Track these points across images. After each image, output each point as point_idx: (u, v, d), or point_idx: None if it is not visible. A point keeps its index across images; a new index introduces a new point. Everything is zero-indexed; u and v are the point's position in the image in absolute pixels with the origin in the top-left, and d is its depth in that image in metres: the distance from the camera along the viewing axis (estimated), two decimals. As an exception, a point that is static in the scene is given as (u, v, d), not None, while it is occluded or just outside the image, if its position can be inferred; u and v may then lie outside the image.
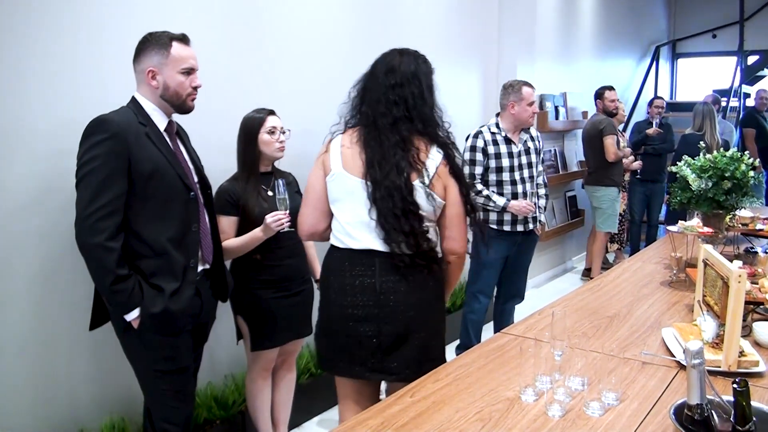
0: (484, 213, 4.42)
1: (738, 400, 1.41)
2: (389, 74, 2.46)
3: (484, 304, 4.65)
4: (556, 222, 7.17)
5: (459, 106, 5.40)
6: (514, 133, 4.41)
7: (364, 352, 2.46)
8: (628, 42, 9.32)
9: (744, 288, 2.16)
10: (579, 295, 3.17)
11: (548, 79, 6.85)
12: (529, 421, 1.90)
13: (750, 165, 3.60)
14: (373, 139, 2.42)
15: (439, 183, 2.44)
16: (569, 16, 7.35)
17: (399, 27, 4.77)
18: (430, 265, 2.48)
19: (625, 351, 2.43)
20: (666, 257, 3.75)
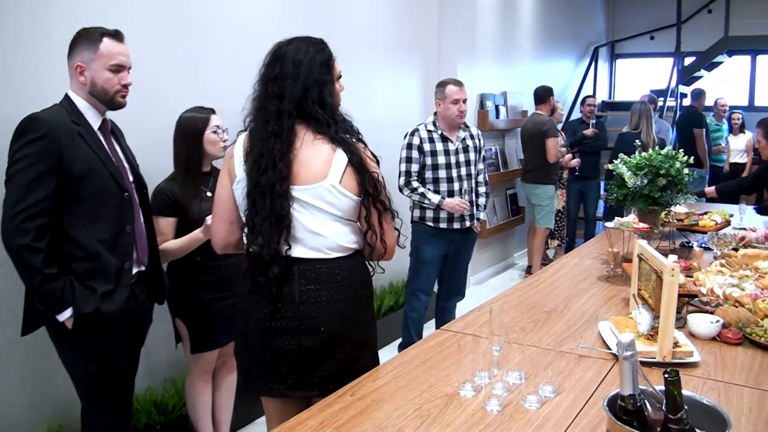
0: (421, 211, 4.45)
1: (669, 389, 1.43)
2: (274, 64, 2.29)
3: (424, 302, 4.67)
4: (498, 219, 7.26)
5: (400, 105, 5.42)
6: (450, 131, 4.44)
7: (284, 367, 2.27)
8: (568, 43, 9.49)
9: (677, 281, 2.21)
10: (518, 291, 3.20)
11: (489, 79, 6.93)
12: (467, 416, 1.91)
13: (684, 163, 3.70)
14: (257, 133, 2.27)
15: (350, 179, 2.28)
16: (509, 16, 7.44)
17: (338, 27, 4.75)
18: (351, 270, 2.33)
19: (562, 345, 2.47)
20: (603, 253, 3.82)
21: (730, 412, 1.95)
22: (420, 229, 4.53)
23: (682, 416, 1.43)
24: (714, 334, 2.56)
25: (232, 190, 2.32)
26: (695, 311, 2.75)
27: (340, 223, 2.29)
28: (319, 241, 2.26)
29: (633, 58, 11.50)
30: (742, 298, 2.86)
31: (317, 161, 2.25)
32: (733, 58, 10.60)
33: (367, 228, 2.33)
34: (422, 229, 4.51)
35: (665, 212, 3.91)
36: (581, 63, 10.07)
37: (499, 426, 1.86)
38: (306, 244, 2.26)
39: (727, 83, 10.96)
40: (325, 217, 2.26)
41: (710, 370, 2.28)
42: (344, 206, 2.28)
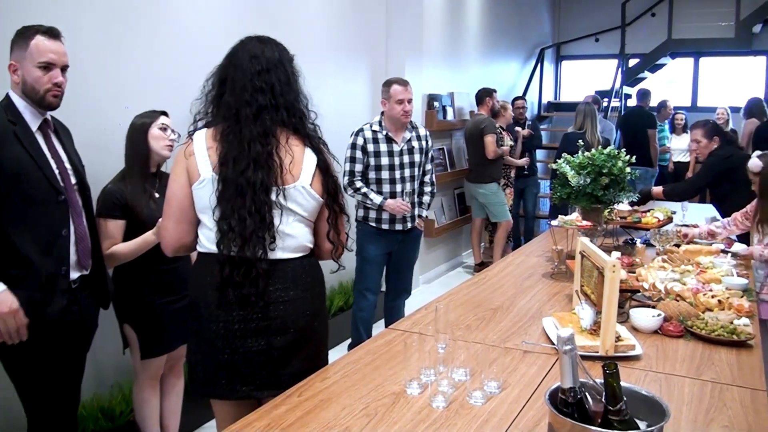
0: (365, 211, 4.46)
1: (608, 381, 1.46)
2: (253, 60, 2.27)
3: (371, 301, 4.67)
4: (446, 218, 7.32)
5: (348, 105, 5.42)
6: (396, 132, 4.43)
7: (252, 368, 2.26)
8: (514, 44, 9.60)
9: (618, 277, 2.26)
10: (464, 289, 3.23)
11: (436, 80, 6.97)
12: (413, 414, 1.92)
13: (626, 162, 3.78)
14: (232, 132, 2.22)
15: (317, 181, 2.31)
16: (456, 18, 7.50)
17: (286, 27, 4.72)
18: (312, 269, 2.37)
19: (507, 341, 2.50)
20: (548, 250, 3.88)
21: (672, 402, 2.02)
22: (364, 228, 4.54)
23: (621, 407, 1.46)
24: (656, 328, 2.63)
25: (190, 190, 2.26)
26: (638, 306, 2.81)
27: (304, 224, 2.32)
28: (289, 241, 2.27)
29: (578, 60, 11.70)
30: (683, 293, 2.94)
31: (292, 162, 2.25)
32: (677, 60, 10.87)
33: (329, 228, 2.36)
34: (366, 228, 4.51)
35: (608, 210, 3.99)
36: (527, 64, 10.21)
37: (445, 422, 1.88)
38: (279, 244, 2.26)
39: (671, 84, 11.23)
40: (293, 217, 2.28)
41: (652, 362, 2.35)
42: (310, 207, 2.30)
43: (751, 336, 2.55)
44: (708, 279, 3.19)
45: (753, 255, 3.77)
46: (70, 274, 2.54)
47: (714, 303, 2.85)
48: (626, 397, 1.48)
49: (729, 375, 2.26)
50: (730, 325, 2.60)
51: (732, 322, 2.65)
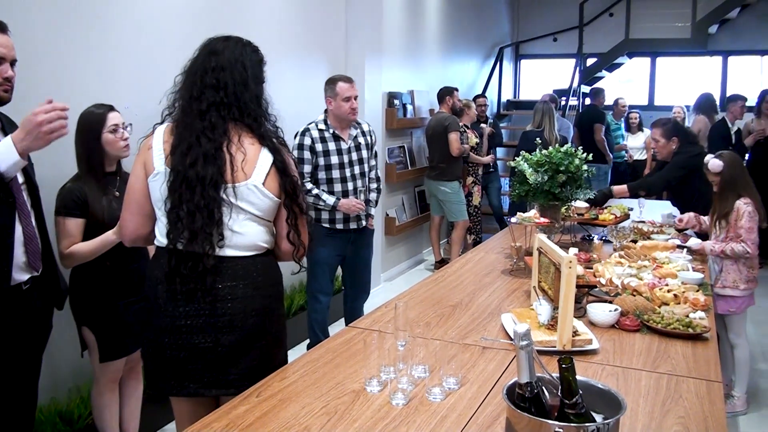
0: (316, 212, 4.39)
1: (564, 375, 1.47)
2: (211, 56, 2.28)
3: (324, 303, 4.63)
4: (407, 216, 7.33)
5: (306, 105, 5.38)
6: (342, 130, 4.38)
7: (200, 365, 2.25)
8: (473, 43, 9.66)
9: (574, 273, 2.28)
10: (424, 287, 3.24)
11: (396, 78, 6.98)
12: (373, 411, 1.92)
13: (583, 159, 3.82)
14: (182, 125, 2.24)
15: (272, 181, 2.29)
16: (416, 16, 7.51)
17: (244, 23, 4.68)
18: (266, 268, 2.35)
19: (466, 338, 2.51)
20: (507, 247, 3.91)
21: (629, 395, 2.05)
22: (315, 230, 4.39)
23: (577, 401, 1.47)
24: (613, 322, 2.66)
25: (147, 183, 2.27)
26: (595, 301, 2.85)
27: (257, 223, 2.30)
28: (238, 239, 2.26)
29: (537, 59, 11.81)
30: (639, 287, 2.98)
31: (244, 160, 2.24)
32: (634, 59, 11.04)
33: (289, 229, 2.35)
34: (317, 230, 4.37)
35: (566, 207, 4.03)
36: (487, 63, 10.27)
37: (405, 419, 1.87)
38: (226, 241, 2.25)
39: (629, 83, 11.40)
40: (245, 216, 2.26)
41: (609, 356, 2.38)
42: (264, 207, 2.28)
43: (707, 329, 2.59)
44: (664, 274, 3.24)
45: (704, 250, 3.84)
46: (11, 277, 2.47)
47: (670, 297, 2.90)
48: (582, 391, 1.50)
49: (685, 367, 2.30)
50: (686, 319, 2.64)
51: (688, 315, 2.70)
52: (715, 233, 3.87)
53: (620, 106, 9.15)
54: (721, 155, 3.89)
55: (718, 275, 3.90)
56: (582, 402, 1.48)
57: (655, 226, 4.51)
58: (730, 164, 3.84)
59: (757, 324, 5.72)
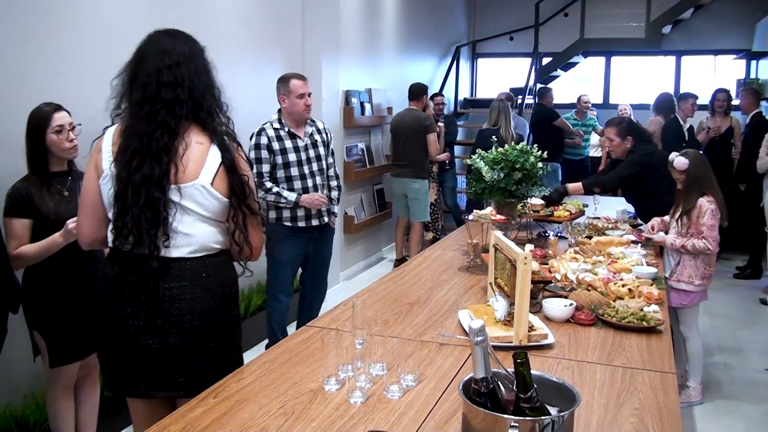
0: (277, 211, 4.37)
1: (519, 370, 1.49)
2: (163, 55, 2.23)
3: (285, 303, 4.61)
4: (366, 215, 7.33)
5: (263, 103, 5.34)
6: (297, 128, 4.37)
7: (148, 367, 2.23)
8: (431, 41, 9.69)
9: (530, 269, 2.30)
10: (383, 285, 3.24)
11: (353, 76, 6.97)
12: (331, 410, 1.91)
13: (538, 157, 3.86)
14: (131, 127, 2.19)
15: (220, 180, 2.26)
16: (373, 15, 7.51)
17: (200, 20, 4.63)
18: (216, 268, 2.32)
19: (424, 335, 2.52)
20: (464, 244, 3.93)
21: (584, 388, 2.07)
22: (276, 230, 4.39)
23: (532, 394, 1.48)
24: (568, 317, 2.69)
25: (99, 185, 2.25)
26: (550, 296, 2.88)
27: (207, 224, 2.27)
28: (186, 240, 2.24)
29: (493, 58, 11.89)
30: (594, 282, 3.03)
31: (192, 160, 2.22)
32: (589, 58, 11.19)
33: (234, 228, 2.31)
34: (279, 229, 4.39)
35: (521, 204, 4.07)
36: (444, 61, 10.32)
37: (363, 417, 1.87)
38: (172, 242, 2.22)
39: (585, 83, 11.55)
40: (193, 217, 2.24)
41: (565, 350, 2.41)
42: (213, 207, 2.26)
43: (660, 322, 2.64)
44: (618, 269, 3.29)
45: (665, 243, 3.92)
46: None
47: (624, 291, 2.95)
48: (537, 385, 1.51)
49: (639, 360, 2.34)
50: (640, 312, 2.69)
51: (642, 309, 2.74)
52: (677, 229, 3.93)
53: (583, 102, 9.26)
54: (686, 154, 3.94)
55: (674, 269, 3.97)
56: (537, 396, 1.49)
57: (609, 222, 4.58)
58: (696, 163, 3.90)
59: (711, 316, 5.87)
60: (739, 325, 5.79)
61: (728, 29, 10.25)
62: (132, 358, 2.24)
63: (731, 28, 10.20)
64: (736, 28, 10.10)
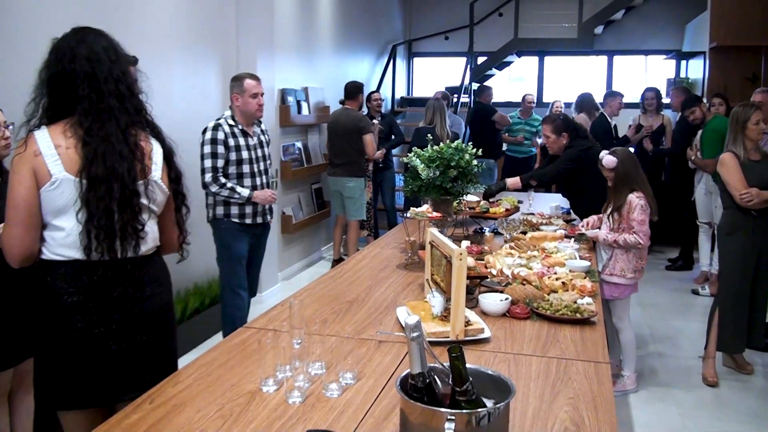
0: (225, 207, 4.37)
1: (454, 364, 1.50)
2: (107, 51, 2.21)
3: (245, 299, 4.58)
4: (304, 214, 7.29)
5: (197, 100, 5.28)
6: (248, 126, 4.41)
7: (117, 371, 2.23)
8: (367, 40, 9.70)
9: (465, 264, 2.33)
10: (321, 284, 3.24)
11: (289, 74, 6.92)
12: (270, 411, 1.90)
13: (473, 155, 3.90)
14: (96, 127, 2.15)
15: (164, 173, 2.30)
16: (308, 13, 7.47)
17: (131, 18, 4.53)
18: (162, 264, 2.37)
19: (363, 333, 2.53)
20: (402, 242, 3.95)
21: (520, 379, 2.11)
22: (226, 225, 4.41)
23: (467, 388, 1.50)
24: (504, 311, 2.73)
25: (39, 194, 2.13)
26: (486, 291, 2.92)
27: (154, 219, 2.29)
28: (147, 237, 2.25)
29: (429, 57, 11.98)
30: (529, 276, 3.08)
31: (144, 157, 2.22)
32: (523, 58, 11.37)
33: (177, 217, 2.37)
34: (229, 225, 4.40)
35: (457, 201, 4.11)
36: (381, 60, 10.34)
37: (302, 417, 1.87)
38: (141, 241, 2.23)
39: (521, 82, 11.73)
40: (146, 214, 2.24)
41: (501, 344, 2.45)
42: (161, 201, 2.29)
43: (594, 313, 2.71)
44: (553, 263, 3.35)
45: (598, 238, 4.01)
46: None
47: (558, 285, 3.01)
48: (473, 378, 1.53)
49: (573, 351, 2.40)
50: (574, 305, 2.75)
51: (575, 301, 2.81)
52: (609, 225, 4.02)
53: (527, 102, 9.39)
54: (615, 152, 4.04)
55: (606, 263, 4.06)
56: (473, 389, 1.51)
57: (543, 217, 4.67)
58: (624, 160, 3.99)
59: (645, 307, 6.04)
60: (672, 315, 5.98)
61: (659, 30, 10.56)
62: (98, 366, 2.20)
63: (662, 29, 10.52)
64: (667, 29, 10.42)
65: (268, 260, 5.28)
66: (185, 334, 4.69)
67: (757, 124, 4.22)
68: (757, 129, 4.23)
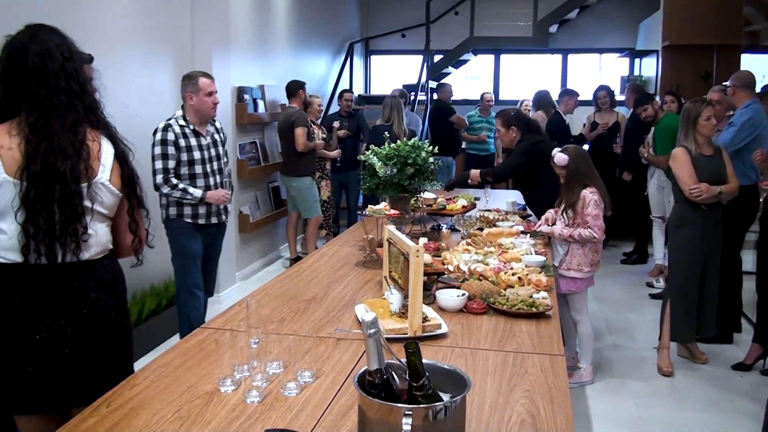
0: (178, 208, 4.33)
1: (411, 360, 1.52)
2: (60, 47, 2.18)
3: (201, 299, 4.55)
4: (261, 213, 7.25)
5: (151, 99, 5.22)
6: (200, 126, 4.36)
7: (65, 377, 2.20)
8: (324, 38, 9.68)
9: (422, 261, 2.34)
10: (279, 283, 3.23)
11: (245, 72, 6.88)
12: (228, 412, 1.89)
13: (429, 152, 3.93)
14: (42, 124, 2.11)
15: (115, 174, 2.26)
16: (264, 10, 7.43)
17: (84, 14, 4.45)
18: (113, 268, 2.33)
19: (321, 331, 2.53)
20: (360, 240, 3.95)
21: (477, 373, 2.14)
22: (180, 225, 4.37)
23: (424, 383, 1.51)
24: (461, 307, 2.76)
25: None
26: (443, 287, 2.94)
27: (104, 222, 2.25)
28: (93, 241, 2.20)
29: (386, 55, 12.00)
30: (485, 272, 3.11)
31: (90, 157, 2.17)
32: (479, 56, 11.47)
33: (131, 220, 2.32)
34: (182, 225, 4.36)
35: (415, 198, 4.13)
36: (338, 58, 10.33)
37: (260, 416, 1.86)
38: (83, 245, 2.18)
39: (477, 80, 11.83)
40: (89, 216, 2.19)
41: (458, 339, 2.47)
42: (110, 204, 2.24)
43: (549, 307, 2.75)
44: (509, 258, 3.39)
45: (554, 234, 4.06)
46: None
47: (515, 280, 3.05)
48: (430, 373, 1.54)
49: (529, 344, 2.43)
50: (530, 299, 2.79)
51: (531, 296, 2.84)
52: (563, 221, 4.07)
53: (486, 100, 9.47)
54: (566, 149, 4.10)
55: (563, 258, 4.12)
56: (429, 384, 1.53)
57: (500, 213, 4.71)
58: (575, 157, 4.06)
59: (601, 301, 6.14)
60: (627, 308, 6.09)
61: (612, 29, 10.76)
62: (42, 372, 2.17)
63: (615, 27, 10.71)
64: (620, 28, 10.61)
65: (226, 260, 5.24)
66: (142, 337, 4.63)
67: (709, 119, 4.32)
68: (708, 125, 4.33)
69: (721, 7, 7.68)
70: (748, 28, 7.13)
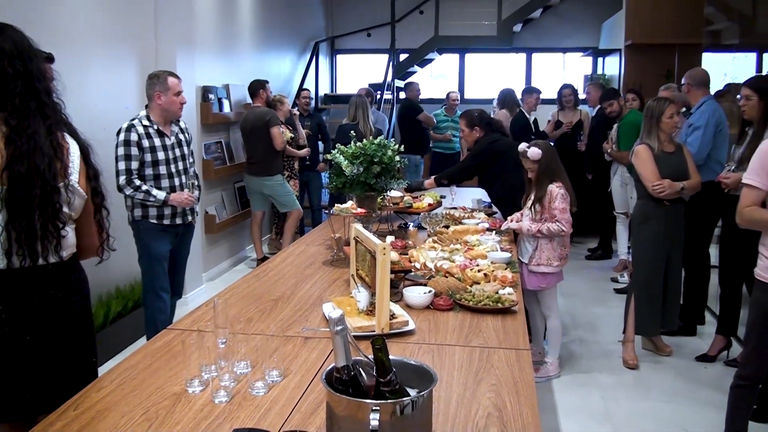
0: (143, 209, 4.28)
1: (377, 356, 1.54)
2: (30, 49, 2.17)
3: (167, 301, 4.50)
4: (227, 213, 7.22)
5: (116, 99, 5.16)
6: (165, 126, 4.31)
7: (30, 382, 2.18)
8: (289, 37, 9.65)
9: (389, 259, 2.37)
10: (246, 283, 3.22)
11: (210, 72, 6.84)
12: (196, 412, 1.89)
13: (396, 151, 3.95)
14: (21, 125, 2.09)
15: (82, 177, 2.24)
16: (229, 9, 7.39)
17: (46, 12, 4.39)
18: (79, 268, 2.33)
19: (288, 330, 2.54)
20: (327, 239, 3.97)
21: (444, 369, 2.16)
22: (145, 226, 4.32)
23: (391, 378, 1.54)
24: (427, 304, 2.79)
25: None
26: (410, 285, 2.97)
27: (70, 224, 2.23)
28: (63, 243, 2.19)
29: (352, 54, 12.00)
30: (452, 269, 3.14)
31: (59, 158, 2.15)
32: (444, 55, 11.52)
33: (96, 219, 2.32)
34: (148, 226, 4.31)
35: (381, 197, 4.15)
36: (303, 57, 10.30)
37: (228, 416, 1.87)
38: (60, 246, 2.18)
39: (442, 79, 11.87)
40: (62, 219, 2.17)
41: (425, 335, 2.50)
42: (78, 206, 2.23)
43: (515, 303, 2.79)
44: (475, 255, 3.43)
45: (522, 229, 4.10)
46: None
47: (480, 276, 3.08)
48: (397, 369, 1.56)
49: (495, 339, 2.47)
50: (495, 295, 2.83)
51: (497, 292, 2.88)
52: (531, 216, 4.11)
53: (452, 99, 9.51)
54: (537, 144, 4.14)
55: (532, 254, 4.16)
56: (396, 379, 1.55)
57: (466, 211, 4.75)
58: (546, 152, 4.11)
59: (567, 296, 6.21)
60: (592, 303, 6.18)
61: (576, 28, 10.87)
62: (22, 378, 2.15)
63: (579, 27, 10.82)
64: (583, 27, 10.72)
65: (193, 261, 5.20)
66: (109, 340, 4.59)
67: (671, 117, 4.40)
68: (671, 122, 4.41)
69: (683, 7, 7.81)
70: (709, 28, 7.24)
